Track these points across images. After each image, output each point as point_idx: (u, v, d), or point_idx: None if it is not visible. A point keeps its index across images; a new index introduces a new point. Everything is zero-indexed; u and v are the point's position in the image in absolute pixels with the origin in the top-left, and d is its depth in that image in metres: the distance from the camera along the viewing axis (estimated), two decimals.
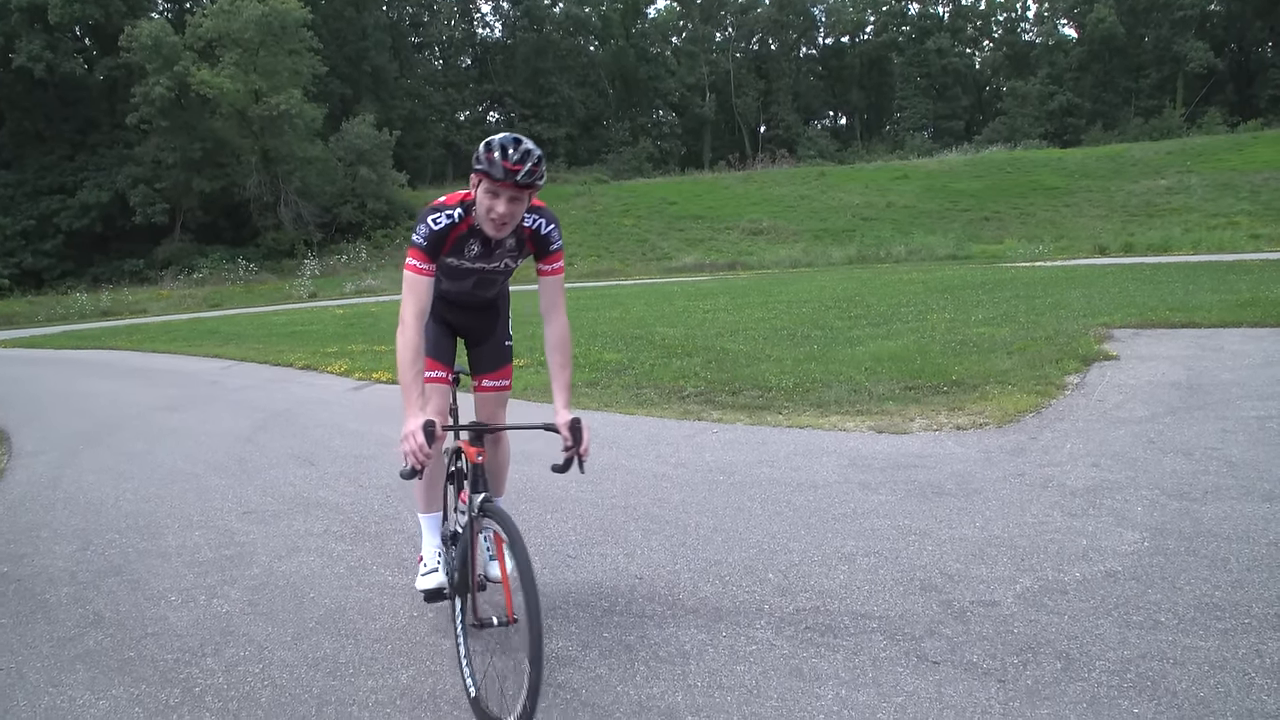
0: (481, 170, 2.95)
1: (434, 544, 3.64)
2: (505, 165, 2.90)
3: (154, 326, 23.55)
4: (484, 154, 2.95)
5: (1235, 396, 6.81)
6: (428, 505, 3.66)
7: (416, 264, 3.11)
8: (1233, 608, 3.44)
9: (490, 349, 3.73)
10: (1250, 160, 39.67)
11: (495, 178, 2.92)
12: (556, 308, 3.34)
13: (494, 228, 3.06)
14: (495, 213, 3.00)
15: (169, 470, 6.94)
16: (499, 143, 2.95)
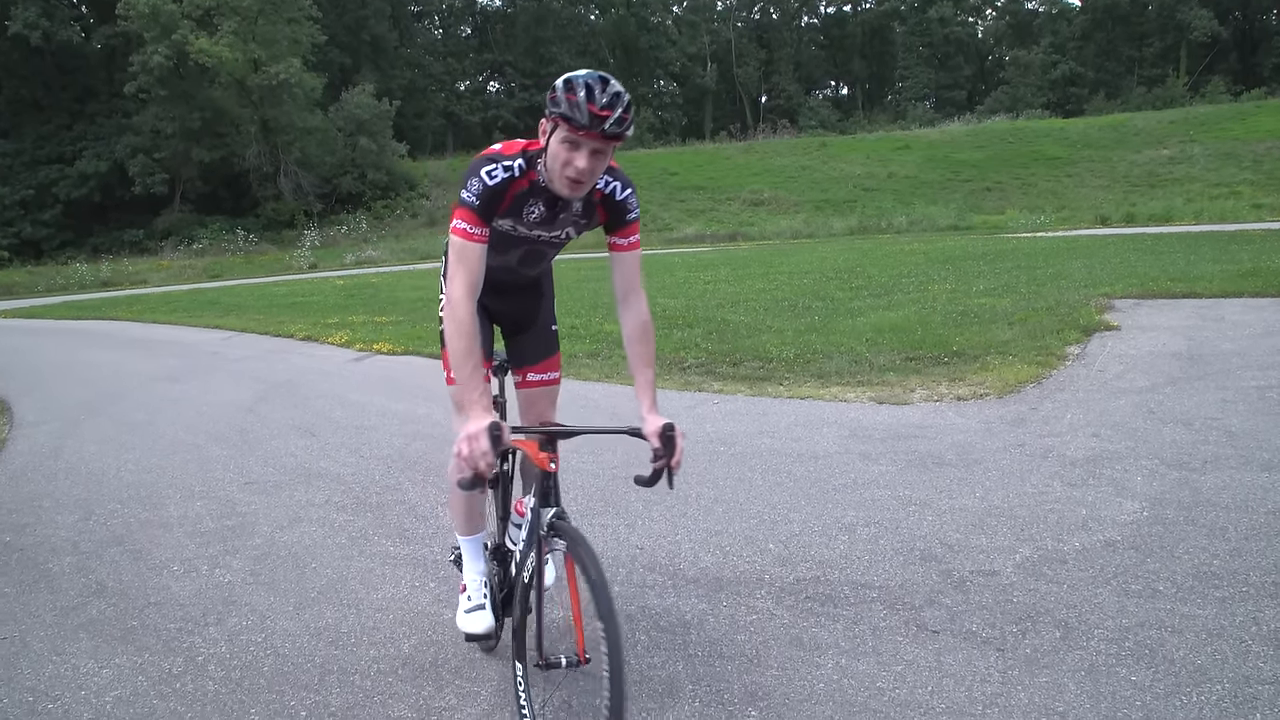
0: (558, 114, 2.37)
1: (478, 573, 3.13)
2: (591, 109, 2.34)
3: (154, 297, 23.52)
4: (563, 94, 2.37)
5: (1236, 366, 6.81)
6: (469, 525, 3.12)
7: (466, 227, 2.52)
8: (1230, 576, 3.45)
9: (534, 337, 3.17)
10: (1253, 129, 39.39)
11: (577, 124, 2.35)
12: (635, 290, 2.77)
13: (568, 186, 2.49)
14: (573, 167, 2.43)
15: (170, 441, 6.95)
16: (583, 81, 2.37)
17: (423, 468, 5.77)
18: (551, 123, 2.42)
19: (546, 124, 2.45)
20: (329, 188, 45.89)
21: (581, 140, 2.38)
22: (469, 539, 3.14)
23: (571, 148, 2.40)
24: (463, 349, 2.46)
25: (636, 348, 2.74)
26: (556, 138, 2.42)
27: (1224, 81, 56.83)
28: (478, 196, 2.52)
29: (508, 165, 2.55)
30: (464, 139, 64.84)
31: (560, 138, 2.41)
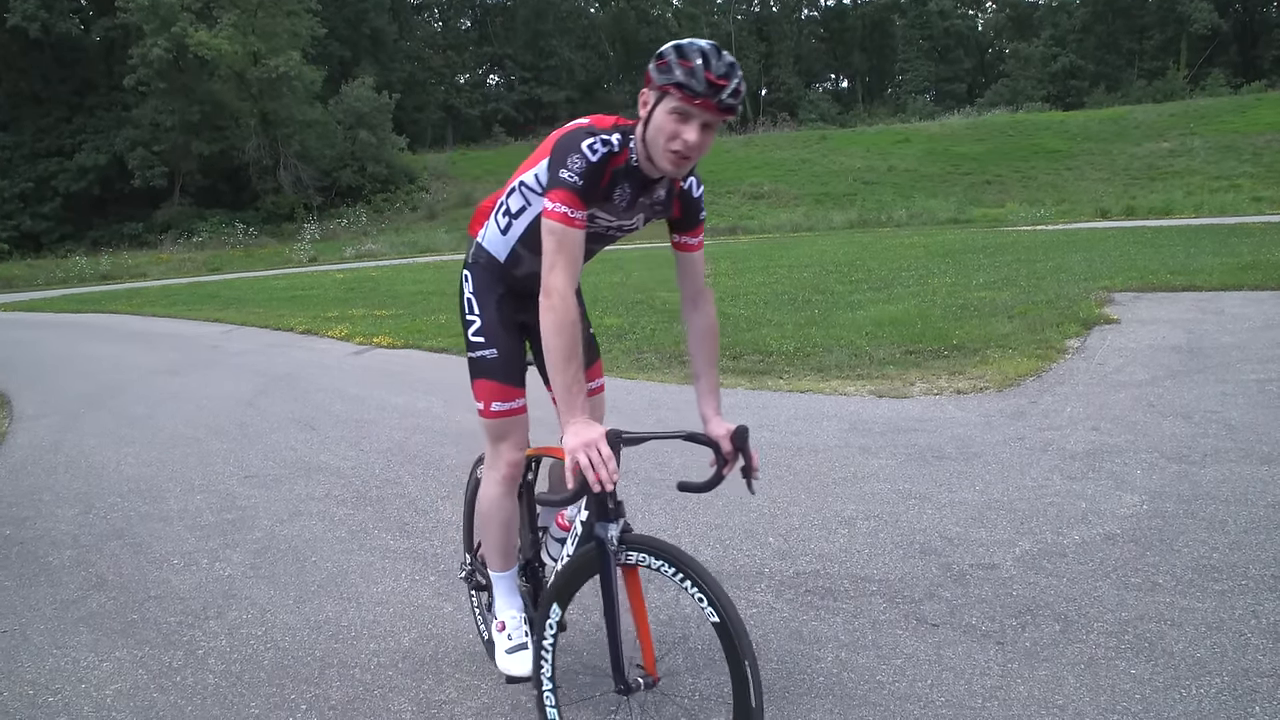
0: (671, 82, 2.14)
1: (518, 609, 2.80)
2: (709, 78, 2.11)
3: (154, 290, 23.51)
4: (676, 60, 2.14)
5: (1235, 360, 6.80)
6: (508, 558, 2.80)
7: (567, 210, 2.20)
8: (1230, 569, 3.45)
9: None
10: (1253, 122, 39.30)
11: (693, 91, 2.11)
12: (703, 290, 2.61)
13: (672, 161, 2.22)
14: (681, 140, 2.17)
15: (170, 434, 6.96)
16: (698, 48, 2.14)
17: (423, 461, 5.77)
18: (658, 92, 2.18)
19: (649, 94, 2.22)
20: (328, 181, 45.87)
21: (695, 111, 2.15)
22: (506, 574, 2.81)
23: (681, 119, 2.17)
24: (567, 348, 2.16)
25: (705, 349, 2.60)
26: (664, 108, 2.18)
27: (1224, 74, 56.73)
28: (581, 175, 2.22)
29: (606, 139, 2.27)
30: (464, 132, 64.77)
31: (669, 108, 2.17)
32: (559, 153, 2.26)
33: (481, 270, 2.73)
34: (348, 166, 46.16)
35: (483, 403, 2.67)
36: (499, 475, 2.70)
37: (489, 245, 2.71)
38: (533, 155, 2.53)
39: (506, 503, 2.72)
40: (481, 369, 2.68)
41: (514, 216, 2.59)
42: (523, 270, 2.65)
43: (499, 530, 2.74)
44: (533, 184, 2.49)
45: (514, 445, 2.68)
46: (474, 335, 2.69)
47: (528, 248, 2.56)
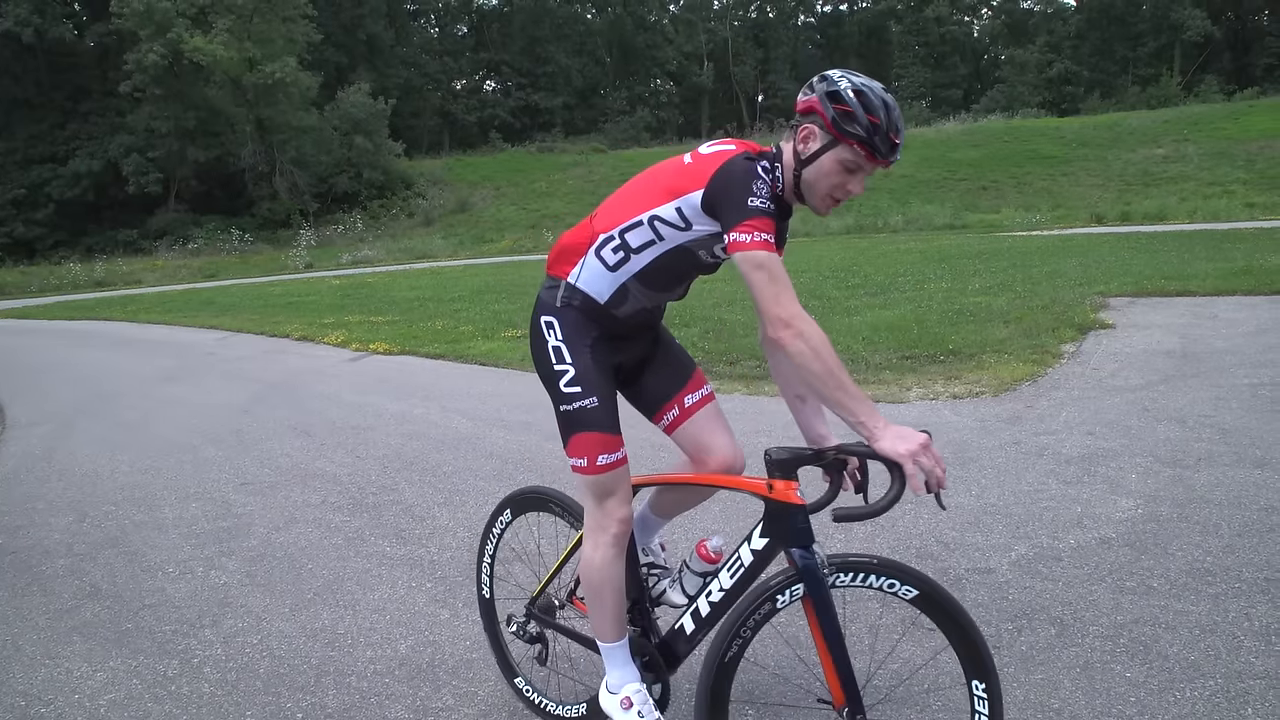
0: (852, 134, 2.06)
1: (637, 678, 2.50)
2: (893, 139, 2.08)
3: (149, 297, 23.49)
4: (860, 111, 2.05)
5: (1229, 364, 6.82)
6: (620, 626, 2.49)
7: (767, 238, 2.07)
8: (1223, 572, 3.46)
9: (668, 358, 2.68)
10: (1246, 129, 39.46)
11: (878, 153, 2.07)
12: None
13: (828, 206, 2.20)
14: (844, 190, 2.15)
15: (165, 442, 6.95)
16: (880, 100, 2.06)
17: (420, 468, 5.77)
18: (833, 137, 2.09)
19: (817, 133, 2.12)
20: (325, 187, 45.88)
21: (865, 164, 2.10)
22: (619, 644, 2.50)
23: (851, 170, 2.12)
24: (836, 367, 2.01)
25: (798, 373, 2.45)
26: (836, 156, 2.10)
27: (1217, 81, 56.99)
28: (770, 200, 2.11)
29: (769, 166, 2.18)
30: (460, 138, 64.83)
31: (842, 158, 2.10)
32: (731, 182, 2.12)
33: (574, 313, 2.43)
34: (344, 173, 46.17)
35: (585, 458, 2.38)
36: (609, 537, 2.42)
37: (586, 284, 2.41)
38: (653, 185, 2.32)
39: (619, 567, 2.44)
40: (582, 421, 2.39)
41: (634, 251, 2.34)
42: (627, 308, 2.44)
43: (613, 597, 2.45)
44: (672, 219, 2.26)
45: (623, 500, 2.44)
46: (568, 386, 2.39)
47: (644, 284, 2.40)
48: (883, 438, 1.99)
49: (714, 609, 2.30)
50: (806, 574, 2.11)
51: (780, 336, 2.05)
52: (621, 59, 72.37)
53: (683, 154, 2.31)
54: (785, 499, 2.17)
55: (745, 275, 2.08)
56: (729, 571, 2.29)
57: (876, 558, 2.17)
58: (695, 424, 2.60)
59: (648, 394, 2.65)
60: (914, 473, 1.95)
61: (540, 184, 46.53)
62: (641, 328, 2.56)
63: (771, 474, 2.18)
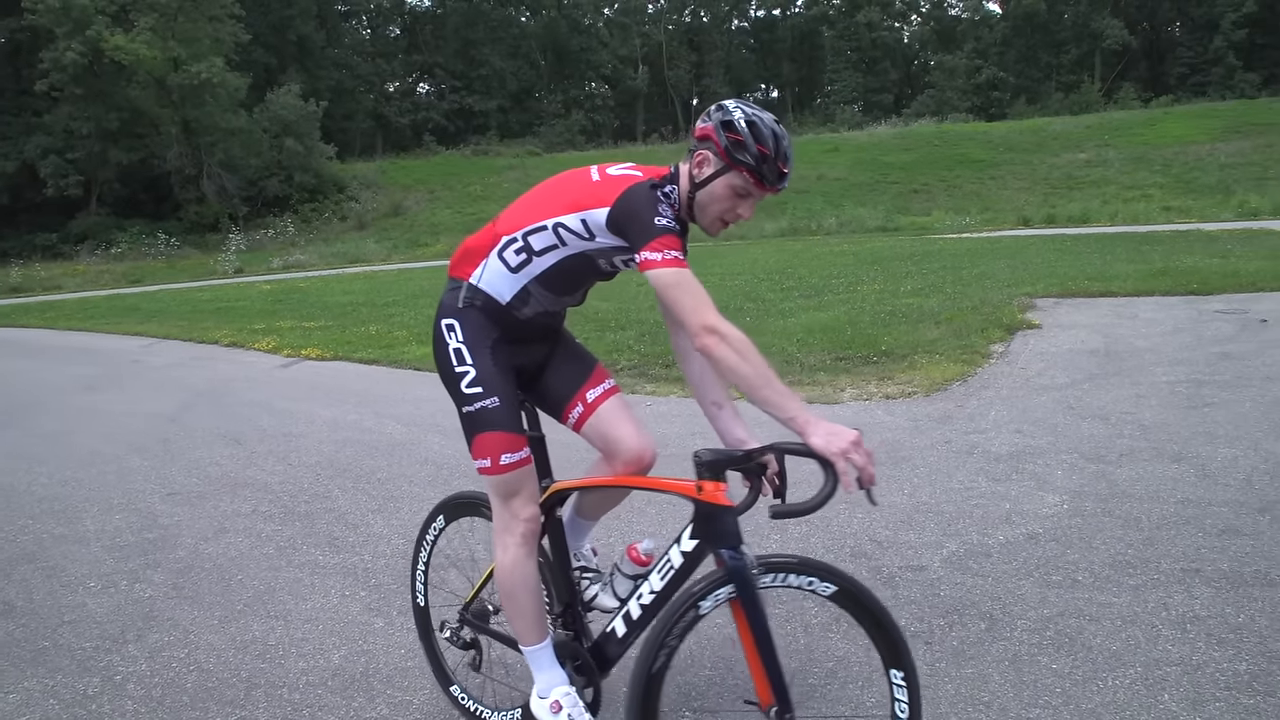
0: (742, 162, 2.17)
1: (564, 680, 2.51)
2: (781, 168, 2.19)
3: (70, 303, 22.78)
4: (750, 141, 2.16)
5: (1148, 363, 7.05)
6: (540, 628, 2.53)
7: (677, 255, 2.17)
8: (1144, 564, 3.57)
9: (567, 357, 2.71)
10: (1162, 135, 40.86)
11: (766, 180, 2.19)
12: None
13: (719, 229, 2.33)
14: (736, 215, 2.28)
15: (87, 452, 6.74)
16: (770, 131, 2.18)
17: (353, 475, 5.68)
18: (725, 164, 2.20)
19: (711, 159, 2.23)
20: (254, 190, 44.88)
21: (754, 190, 2.22)
22: (541, 646, 2.52)
23: (741, 195, 2.23)
24: (760, 367, 2.07)
25: (715, 379, 2.58)
26: (727, 182, 2.22)
27: (1135, 88, 58.91)
28: (675, 219, 2.22)
29: (665, 190, 2.29)
30: (394, 141, 64.08)
31: (732, 184, 2.21)
32: (637, 205, 2.20)
33: (475, 314, 2.47)
34: (274, 176, 45.23)
35: (489, 458, 2.41)
36: (517, 537, 2.45)
37: (487, 285, 2.45)
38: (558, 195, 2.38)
39: (530, 566, 2.47)
40: (484, 421, 2.41)
41: (536, 254, 2.39)
42: (529, 310, 2.48)
43: (529, 599, 2.48)
44: (576, 228, 2.31)
45: (528, 499, 2.46)
46: (469, 387, 2.42)
47: (545, 286, 2.44)
48: (815, 435, 2.02)
49: (645, 611, 2.30)
50: (736, 575, 2.12)
51: (706, 344, 2.09)
52: (556, 62, 72.22)
53: (589, 167, 2.39)
54: (714, 500, 2.17)
55: (661, 291, 2.16)
56: (659, 574, 2.30)
57: (797, 557, 2.21)
58: (600, 418, 2.62)
59: (551, 393, 2.67)
60: (845, 469, 1.98)
61: (475, 187, 46.21)
62: (543, 331, 2.61)
63: (701, 475, 2.18)
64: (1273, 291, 9.88)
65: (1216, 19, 58.30)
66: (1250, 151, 36.75)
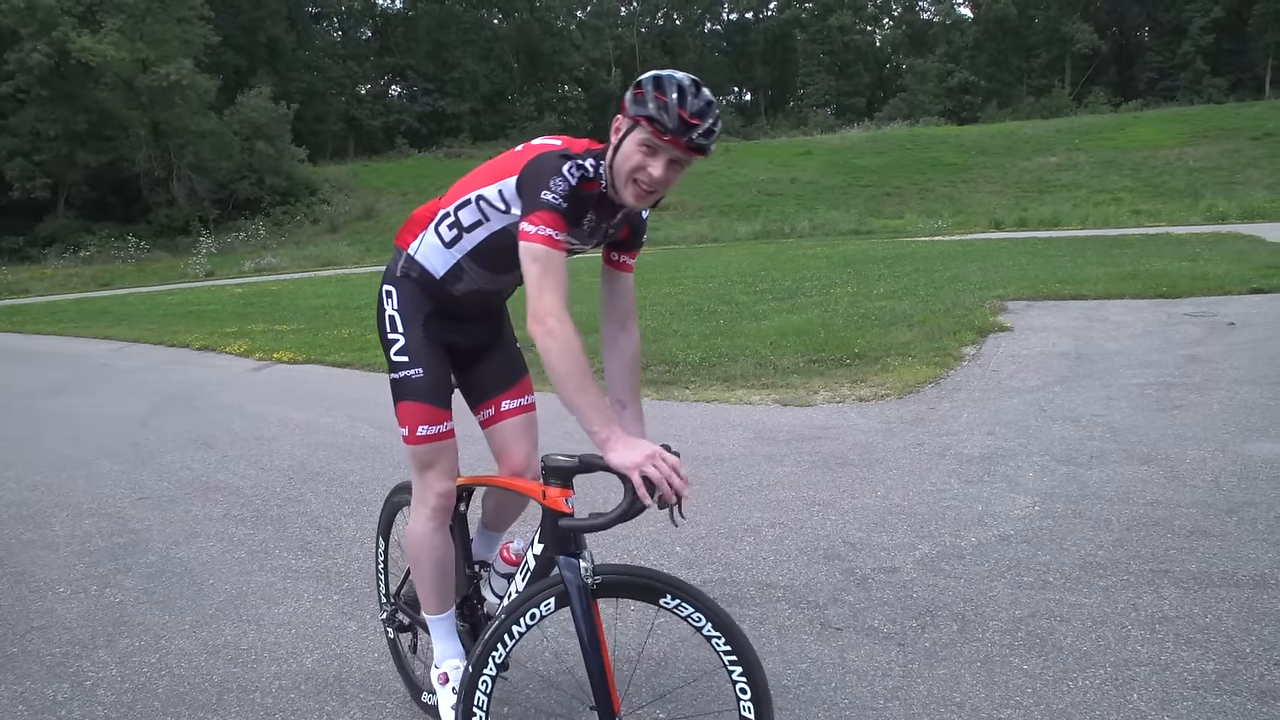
0: (642, 114, 2.07)
1: (459, 655, 2.60)
2: (681, 114, 2.05)
3: (37, 307, 22.49)
4: (652, 92, 2.08)
5: (1118, 365, 7.13)
6: (443, 600, 2.61)
7: (552, 233, 2.10)
8: (1114, 565, 3.61)
9: (501, 357, 2.73)
10: (1131, 139, 41.44)
11: (663, 128, 2.05)
12: (633, 312, 2.53)
13: (635, 195, 2.16)
14: (646, 174, 2.12)
15: (56, 456, 6.65)
16: (675, 82, 2.08)
17: (326, 478, 5.64)
18: (631, 121, 2.11)
19: (622, 122, 2.14)
20: (225, 193, 44.48)
21: (662, 146, 2.09)
22: (442, 617, 2.60)
23: (649, 153, 2.11)
24: (579, 369, 2.03)
25: (631, 376, 2.53)
26: (634, 139, 2.11)
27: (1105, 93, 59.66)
28: (564, 198, 2.13)
29: (581, 164, 2.19)
30: (365, 143, 63.74)
31: (639, 140, 2.11)
32: (536, 174, 2.17)
33: (410, 285, 2.52)
34: (245, 178, 44.84)
35: (407, 428, 2.46)
36: (428, 509, 2.50)
37: (424, 258, 2.49)
38: (489, 168, 2.39)
39: (438, 538, 2.52)
40: (406, 390, 2.47)
41: (465, 230, 2.41)
42: (462, 286, 2.50)
43: (433, 569, 2.53)
44: (495, 200, 2.32)
45: (443, 473, 2.50)
46: (397, 355, 2.49)
47: (477, 263, 2.45)
48: (612, 450, 1.99)
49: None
50: (567, 583, 2.12)
51: (533, 330, 2.08)
52: (529, 65, 72.16)
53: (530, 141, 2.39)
54: (555, 506, 2.15)
55: (524, 265, 2.12)
56: (521, 575, 2.35)
57: (637, 568, 2.22)
58: (503, 429, 2.67)
59: (474, 386, 2.71)
60: (639, 483, 1.94)
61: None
62: (481, 310, 2.61)
63: (547, 480, 2.17)
64: (1240, 295, 10.04)
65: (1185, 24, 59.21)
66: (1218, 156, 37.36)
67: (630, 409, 2.52)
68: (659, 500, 1.99)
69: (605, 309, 2.51)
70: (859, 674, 2.97)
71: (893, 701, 2.79)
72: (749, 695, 2.11)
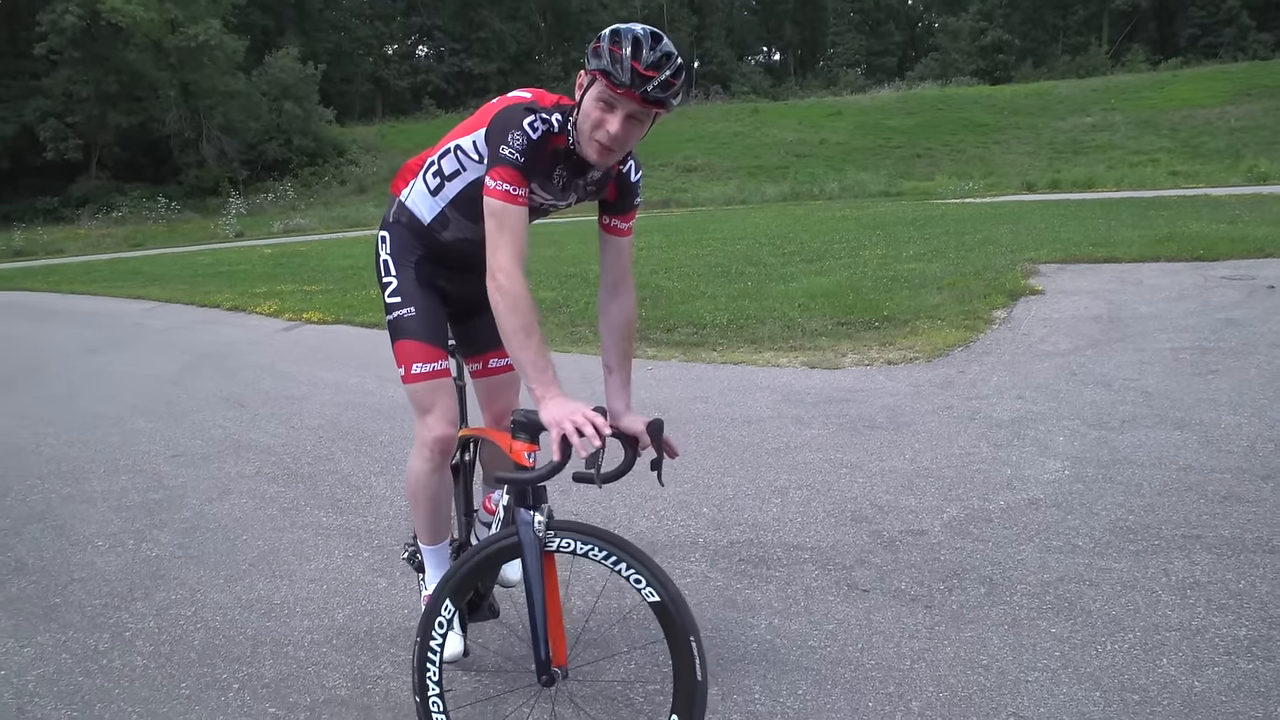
0: (598, 68, 2.09)
1: None
2: (635, 66, 2.05)
3: (72, 267, 22.74)
4: (607, 45, 2.08)
5: (1152, 329, 7.03)
6: (436, 532, 2.73)
7: (508, 188, 2.14)
8: (1144, 530, 3.59)
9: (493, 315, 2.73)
10: (1170, 98, 40.48)
11: (617, 81, 2.06)
12: (627, 279, 2.56)
13: (597, 152, 2.17)
14: (604, 131, 2.13)
15: (92, 414, 6.76)
16: (631, 35, 2.07)
17: (355, 437, 5.70)
18: (590, 76, 2.13)
19: (584, 77, 2.16)
20: (254, 154, 44.67)
21: (618, 100, 2.09)
22: (435, 548, 2.75)
23: (606, 108, 2.12)
24: (525, 325, 2.09)
25: (621, 343, 2.55)
26: (592, 94, 2.13)
27: (1144, 51, 58.23)
28: (521, 153, 2.16)
29: (546, 118, 2.20)
30: (393, 104, 63.58)
31: (596, 95, 2.12)
32: (499, 128, 2.20)
33: (402, 230, 2.62)
34: (273, 139, 44.99)
35: (404, 366, 2.56)
36: (426, 450, 2.56)
37: (413, 205, 2.60)
38: (470, 120, 2.45)
39: (435, 478, 2.60)
40: (400, 329, 2.57)
41: (447, 179, 2.49)
42: (449, 234, 2.57)
43: (426, 505, 2.65)
44: (470, 150, 2.40)
45: (441, 416, 2.54)
46: (390, 296, 2.60)
47: (460, 212, 2.50)
48: (544, 407, 2.05)
49: None
50: (520, 535, 2.16)
51: (488, 285, 2.14)
52: (556, 24, 71.42)
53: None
54: (516, 459, 2.20)
55: (485, 219, 2.18)
56: (496, 524, 2.50)
57: (585, 525, 2.23)
58: (489, 382, 2.84)
59: (468, 340, 2.82)
60: (555, 439, 1.98)
61: None
62: (468, 260, 2.55)
63: (514, 435, 2.22)
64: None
65: None
66: (1261, 115, 36.39)
67: (617, 375, 2.54)
68: (586, 462, 1.98)
69: (601, 274, 2.55)
70: (885, 635, 2.97)
71: (919, 663, 2.80)
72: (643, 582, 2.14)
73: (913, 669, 2.77)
